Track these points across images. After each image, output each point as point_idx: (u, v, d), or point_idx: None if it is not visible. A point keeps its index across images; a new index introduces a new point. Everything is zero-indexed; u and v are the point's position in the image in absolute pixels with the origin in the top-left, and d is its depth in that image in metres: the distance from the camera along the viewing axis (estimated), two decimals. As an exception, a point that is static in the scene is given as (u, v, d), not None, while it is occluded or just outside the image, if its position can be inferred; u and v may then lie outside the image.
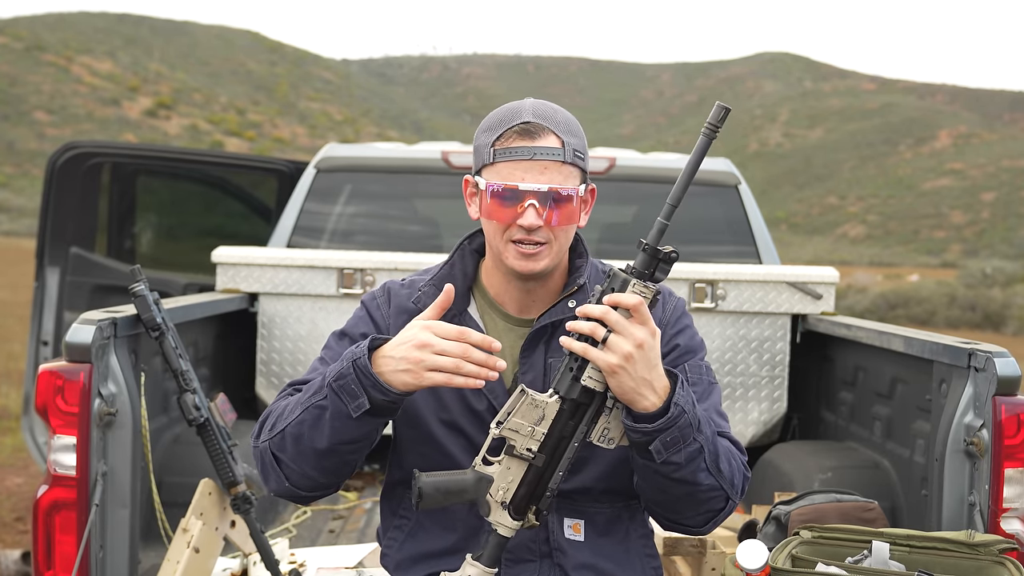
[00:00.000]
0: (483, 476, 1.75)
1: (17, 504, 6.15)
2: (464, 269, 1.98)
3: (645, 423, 1.69)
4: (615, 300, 1.67)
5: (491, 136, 1.87)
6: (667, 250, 1.71)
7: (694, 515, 1.84)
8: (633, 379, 1.67)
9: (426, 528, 1.95)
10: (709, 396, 1.92)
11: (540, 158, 1.83)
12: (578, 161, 1.87)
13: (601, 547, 1.94)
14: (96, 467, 2.49)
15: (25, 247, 23.57)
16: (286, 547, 3.20)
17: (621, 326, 1.66)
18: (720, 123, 1.70)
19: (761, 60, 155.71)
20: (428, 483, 1.75)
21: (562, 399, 1.72)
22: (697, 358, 1.95)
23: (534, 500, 1.75)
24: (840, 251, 59.14)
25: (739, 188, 4.49)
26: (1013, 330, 20.54)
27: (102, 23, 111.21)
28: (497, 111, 1.91)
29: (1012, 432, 2.51)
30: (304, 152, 68.18)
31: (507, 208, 1.83)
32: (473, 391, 1.88)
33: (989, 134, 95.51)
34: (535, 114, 1.86)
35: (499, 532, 1.76)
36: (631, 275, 1.70)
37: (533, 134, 1.84)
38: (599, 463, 1.91)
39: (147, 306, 2.72)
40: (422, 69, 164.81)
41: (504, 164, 1.84)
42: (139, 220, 5.73)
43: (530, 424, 1.72)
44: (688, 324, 1.99)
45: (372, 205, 4.63)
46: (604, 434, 1.75)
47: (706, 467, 1.76)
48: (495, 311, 1.97)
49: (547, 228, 1.84)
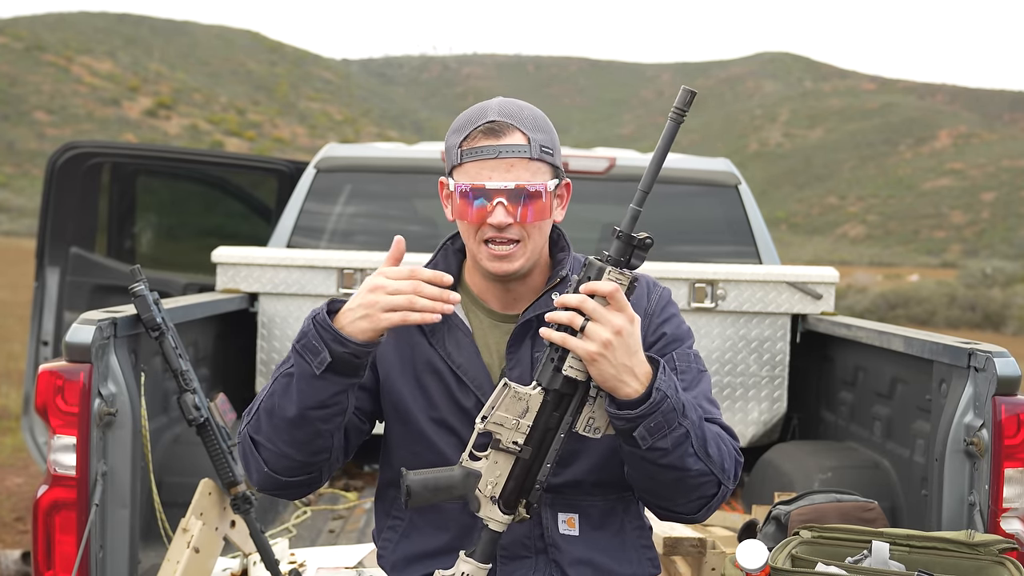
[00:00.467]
0: (471, 472, 1.76)
1: (17, 504, 6.15)
2: (447, 268, 1.99)
3: (628, 410, 1.69)
4: (591, 288, 1.68)
5: (458, 137, 1.88)
6: (641, 236, 1.71)
7: (686, 502, 1.83)
8: (613, 366, 1.67)
9: (419, 528, 1.96)
10: (699, 383, 1.92)
11: (506, 156, 1.84)
12: (546, 157, 1.87)
13: (596, 541, 1.94)
14: (96, 467, 2.49)
15: (25, 247, 23.57)
16: (286, 547, 3.20)
17: (598, 314, 1.67)
18: (686, 107, 1.70)
19: (761, 60, 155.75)
20: (415, 481, 1.75)
21: (545, 390, 1.73)
22: (684, 346, 1.95)
23: (523, 493, 1.76)
24: (840, 251, 59.15)
25: (739, 188, 4.49)
26: (1013, 330, 20.54)
27: (102, 23, 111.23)
28: (465, 112, 1.92)
29: (1012, 432, 2.51)
30: (304, 152, 68.19)
31: (477, 208, 1.84)
32: (460, 385, 1.90)
33: (989, 134, 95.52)
34: (500, 113, 1.87)
35: (490, 527, 1.76)
36: (607, 263, 1.70)
37: (498, 133, 1.84)
38: (589, 456, 1.91)
39: (147, 306, 2.72)
40: (422, 69, 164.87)
41: (471, 164, 1.85)
42: (139, 220, 5.73)
43: (514, 417, 1.73)
44: (674, 313, 1.99)
45: (372, 205, 4.63)
46: (590, 423, 1.75)
47: (694, 452, 1.75)
48: (480, 308, 1.97)
49: (519, 226, 1.85)
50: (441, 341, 1.94)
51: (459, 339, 1.94)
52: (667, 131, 1.73)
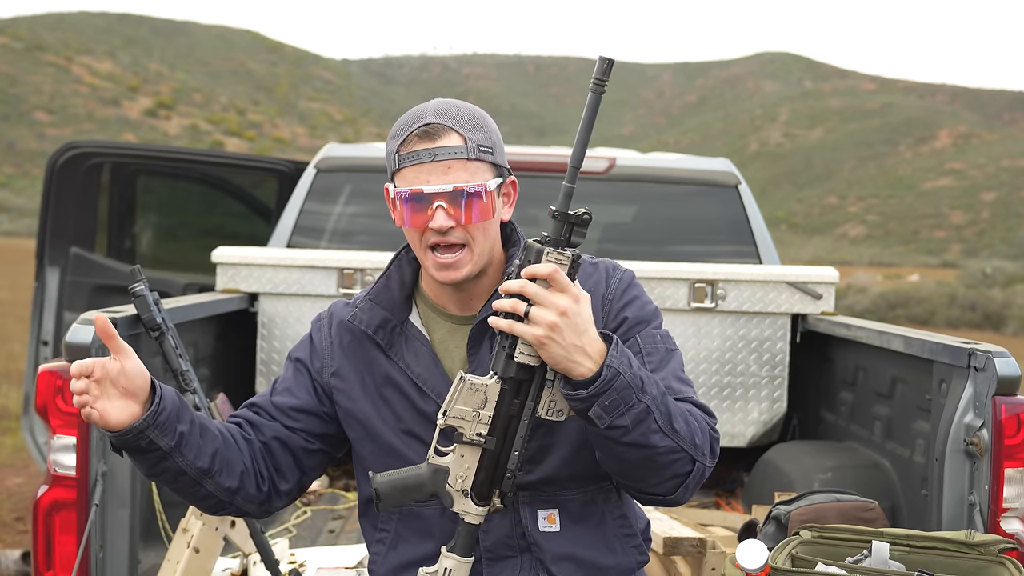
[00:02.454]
0: (438, 468, 1.76)
1: (17, 504, 6.16)
2: (401, 279, 1.98)
3: (580, 390, 1.68)
4: (530, 272, 1.67)
5: (396, 143, 1.87)
6: (578, 213, 1.69)
7: (660, 481, 1.79)
8: (563, 347, 1.66)
9: (405, 538, 1.96)
10: (668, 362, 1.89)
11: (443, 158, 1.82)
12: (485, 156, 1.85)
13: (578, 535, 1.93)
14: (96, 467, 2.49)
15: (25, 247, 23.55)
16: (286, 547, 3.20)
17: (540, 296, 1.65)
18: (605, 76, 1.68)
19: (761, 60, 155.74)
20: (384, 482, 1.76)
21: (501, 379, 1.72)
22: (651, 327, 1.93)
23: (496, 483, 1.75)
24: (840, 251, 59.12)
25: (739, 188, 4.48)
26: (1013, 330, 20.54)
27: (102, 23, 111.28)
28: (402, 116, 1.91)
29: (1012, 432, 2.51)
30: (304, 152, 68.17)
31: (417, 213, 1.83)
32: (421, 396, 1.90)
33: (989, 134, 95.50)
34: (436, 115, 1.85)
35: (467, 520, 1.76)
36: (546, 244, 1.69)
37: (433, 135, 1.83)
38: (560, 449, 1.90)
39: (147, 306, 2.72)
40: (422, 69, 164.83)
41: (409, 169, 1.84)
42: (139, 220, 5.73)
43: (474, 409, 1.72)
44: (637, 295, 1.96)
45: (372, 205, 4.63)
46: (551, 407, 1.74)
47: (659, 428, 1.72)
48: (438, 314, 1.97)
49: (462, 228, 1.84)
50: (399, 353, 1.94)
51: (417, 349, 1.94)
52: (589, 102, 1.70)
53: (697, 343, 3.82)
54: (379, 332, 1.94)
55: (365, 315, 1.95)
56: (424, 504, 1.90)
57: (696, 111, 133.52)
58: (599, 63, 1.68)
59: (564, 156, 4.49)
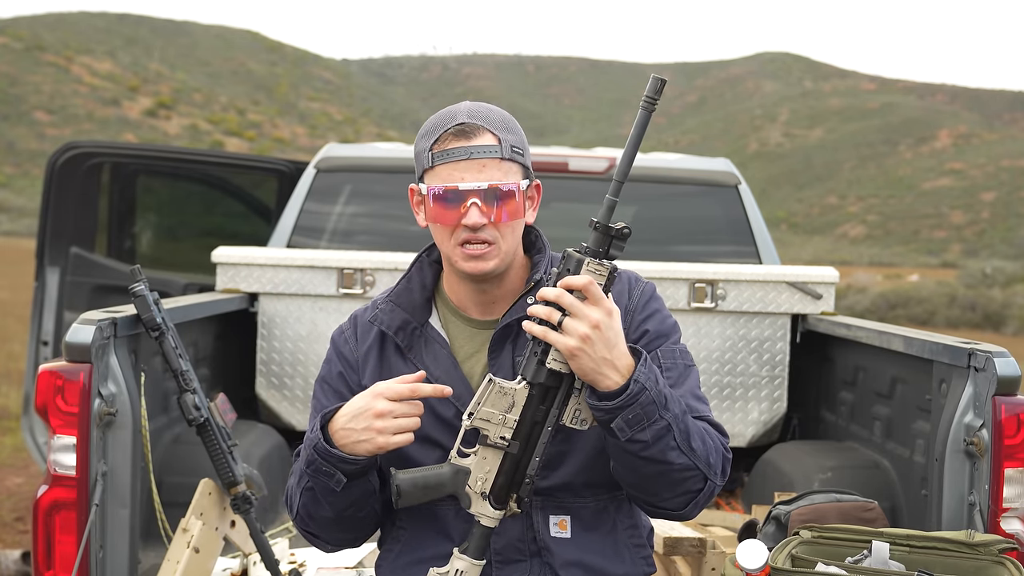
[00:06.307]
0: (460, 468, 1.77)
1: (17, 504, 6.16)
2: (422, 281, 1.99)
3: (605, 401, 1.70)
4: (567, 283, 1.69)
5: (428, 141, 1.88)
6: (619, 226, 1.71)
7: (671, 496, 1.82)
8: (593, 359, 1.68)
9: (418, 537, 1.96)
10: (686, 379, 1.91)
11: (477, 156, 1.84)
12: (517, 157, 1.88)
13: (589, 542, 1.94)
14: (96, 467, 2.49)
15: (25, 247, 23.54)
16: (286, 547, 3.20)
17: (575, 308, 1.67)
18: (656, 95, 1.71)
19: (761, 60, 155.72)
20: (405, 479, 1.77)
21: (530, 384, 1.73)
22: (670, 342, 1.95)
23: (513, 488, 1.77)
24: (840, 251, 59.11)
25: (739, 188, 4.49)
26: (1013, 330, 20.55)
27: (102, 23, 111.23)
28: (432, 117, 1.93)
29: (1012, 432, 2.51)
30: (304, 152, 68.16)
31: (450, 210, 1.84)
32: (440, 400, 1.90)
33: (989, 134, 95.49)
34: (470, 115, 1.87)
35: (482, 523, 1.77)
36: (585, 254, 1.70)
37: (469, 134, 1.85)
38: (577, 456, 1.91)
39: (147, 306, 2.72)
40: (422, 69, 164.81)
41: (443, 167, 1.85)
42: (139, 220, 5.73)
43: (501, 412, 1.74)
44: (658, 308, 1.97)
45: (372, 205, 4.63)
46: (576, 415, 1.76)
47: (676, 445, 1.75)
48: (458, 317, 1.98)
49: (492, 227, 1.85)
50: (419, 356, 1.95)
51: (436, 352, 1.95)
52: (639, 120, 1.73)
53: (697, 343, 3.82)
54: (399, 333, 1.95)
55: (386, 316, 1.96)
56: (440, 504, 1.90)
57: (696, 111, 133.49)
58: (652, 82, 1.71)
59: (564, 156, 4.50)
